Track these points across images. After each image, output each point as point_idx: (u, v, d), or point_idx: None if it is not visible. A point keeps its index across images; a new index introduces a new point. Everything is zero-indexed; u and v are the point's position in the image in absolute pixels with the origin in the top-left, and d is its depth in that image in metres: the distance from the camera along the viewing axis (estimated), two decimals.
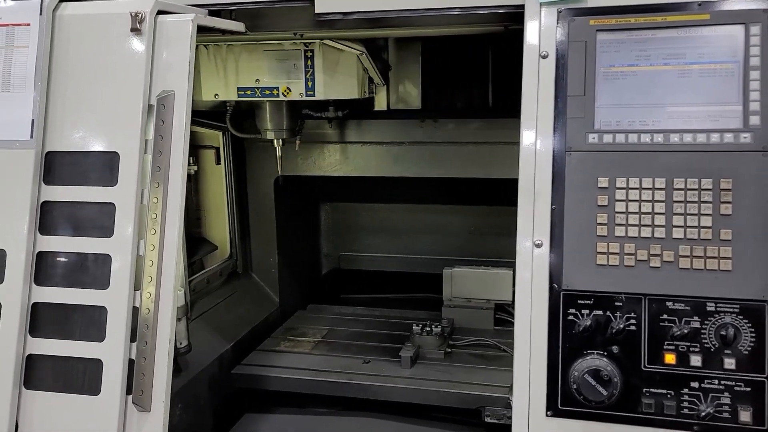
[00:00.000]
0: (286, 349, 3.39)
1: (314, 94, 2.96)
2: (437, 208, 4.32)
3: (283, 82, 2.99)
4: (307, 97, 2.98)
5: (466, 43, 3.58)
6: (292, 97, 3.00)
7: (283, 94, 2.99)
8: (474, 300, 3.63)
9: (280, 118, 3.30)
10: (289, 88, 2.98)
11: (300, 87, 2.97)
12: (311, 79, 2.95)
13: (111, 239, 2.23)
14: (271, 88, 3.00)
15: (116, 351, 2.19)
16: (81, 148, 2.29)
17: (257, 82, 3.01)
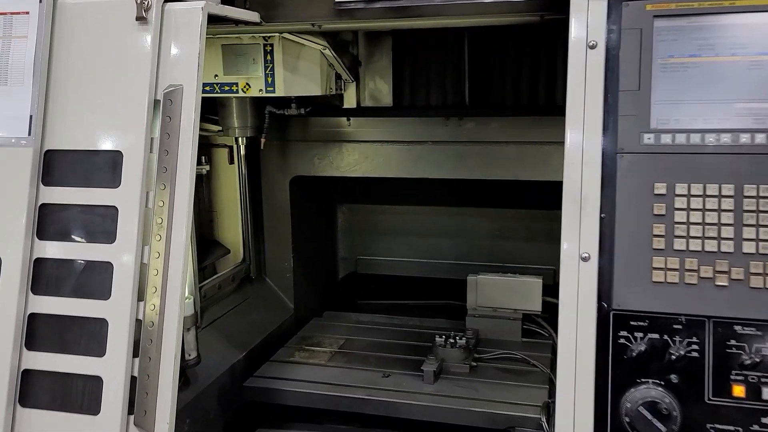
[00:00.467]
0: (301, 360, 3.20)
1: (274, 91, 2.76)
2: (460, 211, 4.12)
3: (242, 78, 2.79)
4: (268, 94, 2.77)
5: (440, 36, 3.38)
6: (252, 93, 2.78)
7: (243, 90, 2.78)
8: (500, 309, 3.42)
9: (244, 115, 3.12)
10: (249, 84, 2.77)
11: (260, 83, 2.76)
12: (271, 74, 2.73)
13: (113, 246, 2.05)
14: (230, 84, 2.80)
15: (117, 367, 2.01)
16: (82, 146, 2.11)
17: (216, 78, 2.81)
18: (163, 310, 2.05)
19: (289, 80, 2.80)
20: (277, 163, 3.67)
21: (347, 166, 3.60)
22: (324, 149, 3.59)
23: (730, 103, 1.67)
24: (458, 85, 3.37)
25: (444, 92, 3.38)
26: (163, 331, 2.05)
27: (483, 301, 3.44)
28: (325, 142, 3.58)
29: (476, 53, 3.37)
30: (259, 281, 3.77)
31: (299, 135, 3.59)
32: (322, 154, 3.60)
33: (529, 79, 3.31)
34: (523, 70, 3.30)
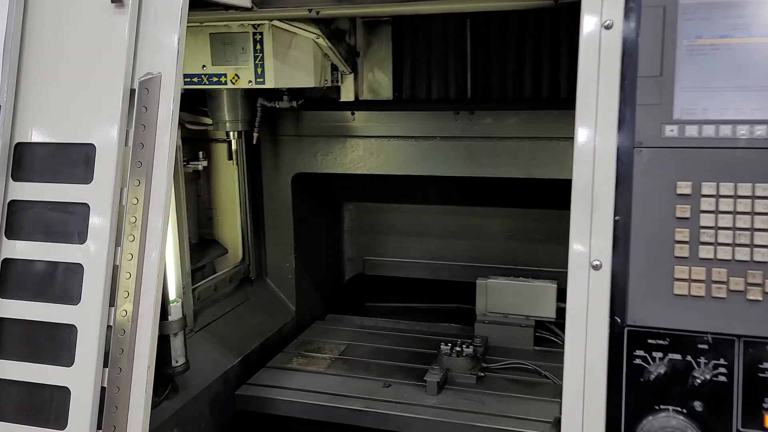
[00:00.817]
0: (299, 366, 3.03)
1: (264, 82, 2.59)
2: (472, 210, 3.92)
3: (231, 69, 2.62)
4: (257, 85, 2.60)
5: (442, 24, 3.18)
6: (241, 84, 2.62)
7: (231, 81, 2.61)
8: (511, 316, 3.22)
9: (235, 108, 2.96)
10: (238, 75, 2.60)
11: (249, 74, 2.59)
12: (261, 65, 2.56)
13: (83, 246, 1.89)
14: (219, 75, 2.63)
15: (86, 378, 1.85)
16: (53, 139, 1.95)
17: (203, 68, 2.63)
18: (136, 316, 1.89)
19: (280, 71, 2.63)
20: (278, 160, 3.50)
21: (351, 163, 3.42)
22: (327, 145, 3.42)
23: (766, 90, 1.45)
24: (461, 76, 3.16)
25: (446, 84, 3.19)
26: (135, 339, 1.89)
27: (493, 306, 3.25)
28: (327, 137, 3.40)
29: (479, 42, 3.17)
30: (260, 282, 3.61)
31: (300, 130, 3.42)
32: (325, 150, 3.43)
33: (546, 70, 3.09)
34: (536, 60, 3.08)
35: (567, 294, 1.54)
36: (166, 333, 2.52)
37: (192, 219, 3.44)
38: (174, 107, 1.93)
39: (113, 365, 1.85)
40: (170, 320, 2.52)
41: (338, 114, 3.34)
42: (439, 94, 3.20)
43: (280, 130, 3.45)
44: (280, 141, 3.47)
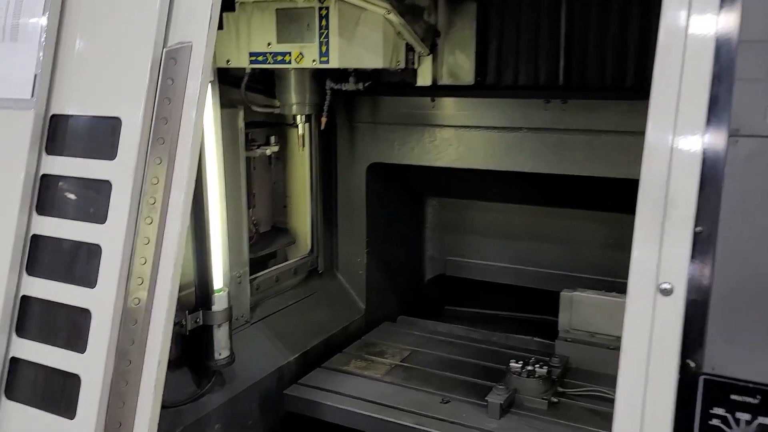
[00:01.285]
0: (356, 370, 2.82)
1: (328, 61, 2.42)
2: (567, 213, 3.51)
3: (295, 47, 2.46)
4: (321, 65, 2.45)
5: (533, 2, 2.80)
6: (305, 64, 2.47)
7: (296, 60, 2.46)
8: (599, 335, 2.82)
9: (302, 89, 2.76)
10: (302, 54, 2.45)
11: (313, 52, 2.43)
12: (325, 42, 2.38)
13: (103, 226, 1.78)
14: (283, 54, 2.48)
15: (96, 367, 1.74)
16: (84, 111, 1.86)
17: (269, 46, 2.50)
18: (150, 306, 1.76)
19: (345, 50, 2.43)
20: (353, 148, 3.30)
21: (429, 154, 3.15)
22: (404, 134, 3.17)
23: None
24: (553, 60, 2.79)
25: (536, 69, 2.82)
26: (148, 330, 1.76)
27: (578, 323, 2.86)
28: (405, 125, 3.15)
29: (576, 22, 2.77)
30: (329, 276, 3.44)
31: (377, 117, 3.20)
32: (402, 139, 3.18)
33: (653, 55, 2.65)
34: (642, 43, 2.65)
35: (624, 324, 1.19)
36: (209, 323, 2.39)
37: (265, 207, 3.33)
38: (203, 80, 1.77)
39: (122, 357, 1.72)
40: (214, 310, 2.39)
41: (417, 100, 3.08)
42: (527, 80, 2.85)
43: (356, 117, 3.25)
44: (355, 128, 3.27)
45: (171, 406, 2.33)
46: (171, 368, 2.43)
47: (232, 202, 2.65)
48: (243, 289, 2.79)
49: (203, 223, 2.35)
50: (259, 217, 3.27)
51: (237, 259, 2.73)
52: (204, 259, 2.39)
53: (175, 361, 2.45)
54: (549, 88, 2.84)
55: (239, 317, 2.78)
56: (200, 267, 2.41)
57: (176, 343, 2.44)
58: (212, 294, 2.39)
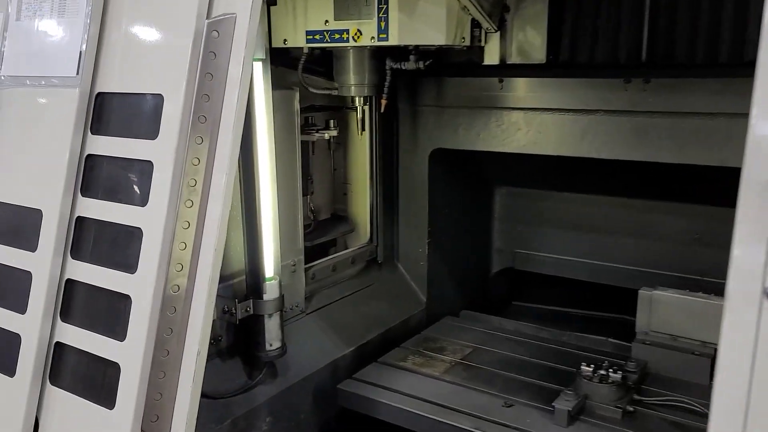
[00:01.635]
0: (413, 366, 2.67)
1: (387, 38, 2.26)
2: (648, 205, 3.24)
3: (353, 24, 2.36)
4: (380, 42, 2.28)
5: None
6: (363, 41, 2.38)
7: (353, 38, 2.33)
8: (682, 339, 2.56)
9: (361, 69, 2.63)
10: (360, 31, 2.35)
11: (372, 29, 2.31)
12: (384, 18, 2.27)
13: (144, 209, 1.70)
14: (341, 32, 2.38)
15: (135, 356, 1.67)
16: (127, 89, 1.79)
17: (326, 24, 2.40)
18: (190, 293, 1.67)
19: (405, 26, 2.29)
20: (416, 132, 3.14)
21: (497, 139, 2.94)
22: (470, 117, 2.98)
23: None
24: (635, 35, 2.52)
25: (615, 45, 2.56)
26: (188, 319, 1.67)
27: (659, 324, 2.62)
28: (471, 108, 2.96)
29: None
30: (389, 267, 3.30)
31: (441, 99, 3.02)
32: (468, 123, 2.99)
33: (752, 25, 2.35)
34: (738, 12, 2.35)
35: (721, 332, 0.99)
36: (259, 313, 2.30)
37: (325, 193, 3.23)
38: (247, 54, 1.65)
39: (160, 346, 1.64)
40: (265, 300, 2.30)
41: (483, 82, 2.88)
42: (605, 57, 2.60)
43: (418, 100, 3.09)
44: (418, 111, 3.10)
45: (220, 397, 2.27)
46: (222, 358, 2.39)
47: (286, 187, 2.55)
48: (297, 278, 2.69)
49: (254, 209, 2.26)
50: (318, 204, 3.17)
51: (291, 246, 2.63)
52: (255, 247, 2.29)
53: (225, 351, 2.39)
54: (629, 66, 2.58)
55: (293, 306, 2.68)
56: (251, 254, 2.32)
57: (226, 333, 2.37)
58: (263, 282, 2.29)
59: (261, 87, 2.15)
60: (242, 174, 2.26)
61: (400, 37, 2.30)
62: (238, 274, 2.37)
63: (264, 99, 2.17)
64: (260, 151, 2.20)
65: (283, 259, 2.56)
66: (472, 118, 2.97)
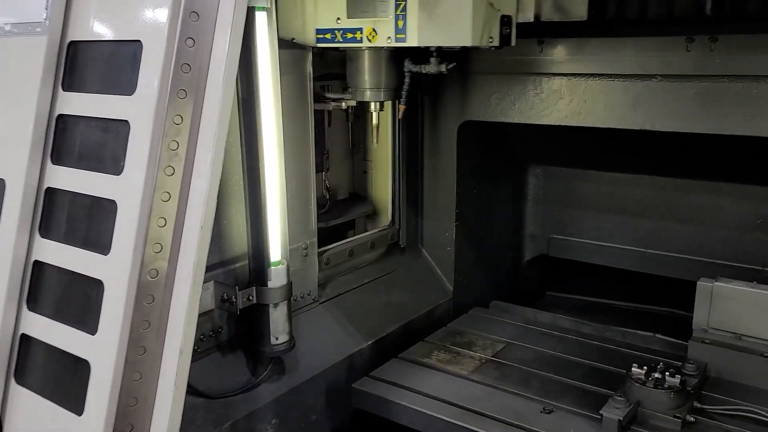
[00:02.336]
0: (438, 363, 2.38)
1: (405, 39, 2.02)
2: (704, 186, 2.90)
3: (368, 22, 2.07)
4: (397, 43, 2.03)
5: None
6: (378, 42, 2.08)
7: (368, 38, 2.09)
8: (748, 338, 2.24)
9: (378, 72, 2.35)
10: (375, 31, 2.10)
11: (388, 28, 2.04)
12: (402, 17, 1.99)
13: (119, 178, 1.43)
14: (354, 31, 2.11)
15: (108, 354, 1.40)
16: (101, 36, 1.51)
17: (338, 22, 2.13)
18: (170, 279, 1.39)
19: (426, 25, 2.04)
20: (443, 103, 2.82)
21: (534, 110, 2.62)
22: (505, 85, 2.65)
23: None
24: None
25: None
26: (168, 310, 1.39)
27: (720, 321, 2.30)
28: (505, 75, 2.64)
29: None
30: (413, 253, 3.00)
31: (471, 65, 2.69)
32: (502, 91, 2.67)
33: None
34: None
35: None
36: (264, 302, 2.03)
37: (343, 170, 2.94)
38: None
39: (135, 343, 1.37)
40: (270, 287, 2.02)
41: (520, 43, 2.53)
42: (660, 12, 2.24)
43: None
44: (445, 79, 2.77)
45: (219, 396, 2.00)
46: (222, 352, 2.12)
47: (296, 160, 2.27)
48: (310, 263, 2.40)
49: (258, 183, 1.97)
50: (335, 182, 2.88)
51: (303, 228, 2.34)
52: (259, 226, 2.01)
53: (226, 345, 2.12)
54: (691, 23, 2.22)
55: (305, 294, 2.40)
56: (255, 235, 2.04)
57: (227, 324, 2.10)
58: (268, 267, 2.01)
59: (265, 39, 1.85)
60: (244, 141, 1.98)
61: (420, 37, 2.03)
62: (241, 258, 2.10)
63: (269, 54, 1.87)
64: (264, 114, 1.91)
65: (293, 242, 2.28)
66: (507, 85, 2.65)
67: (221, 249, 2.04)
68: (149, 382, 1.37)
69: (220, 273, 2.04)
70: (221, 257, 2.04)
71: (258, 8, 1.81)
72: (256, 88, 1.89)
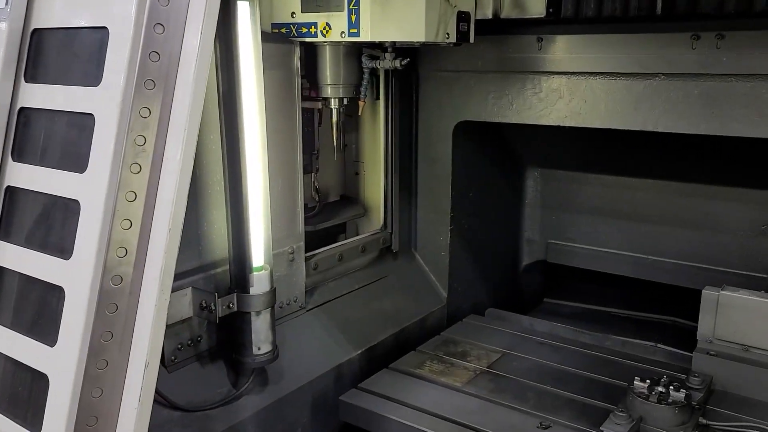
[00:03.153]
0: (430, 374, 2.27)
1: (359, 33, 1.99)
2: (707, 190, 2.80)
3: (322, 17, 2.04)
4: (351, 38, 2.00)
5: None
6: (332, 37, 2.04)
7: (322, 33, 2.06)
8: (755, 350, 2.13)
9: (336, 68, 2.30)
10: (329, 25, 2.06)
11: (342, 23, 2.00)
12: (356, 11, 1.96)
13: (83, 176, 1.32)
14: (308, 25, 2.08)
15: (67, 367, 1.28)
16: (66, 23, 1.40)
17: (293, 17, 2.09)
18: (136, 286, 1.28)
19: (379, 20, 1.98)
20: (438, 102, 2.72)
21: (533, 110, 2.51)
22: (501, 84, 2.55)
23: None
24: None
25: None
26: (134, 320, 1.28)
27: (726, 332, 2.20)
28: (503, 73, 2.53)
29: None
30: (406, 257, 2.89)
31: (467, 63, 2.58)
32: (499, 91, 2.56)
33: None
34: None
35: None
36: (245, 309, 1.91)
37: (333, 172, 2.83)
38: None
39: (95, 355, 1.26)
40: (251, 294, 1.91)
41: (518, 40, 2.45)
42: (615, 8, 2.10)
43: (441, 63, 2.66)
44: (441, 78, 2.68)
45: (197, 409, 1.89)
46: (201, 362, 2.00)
47: (282, 160, 2.16)
48: (296, 268, 2.29)
49: (240, 183, 1.86)
50: (325, 184, 2.77)
51: (289, 231, 2.23)
52: (241, 230, 1.90)
53: (206, 354, 2.00)
54: (697, 16, 2.11)
55: (291, 301, 2.29)
56: (236, 239, 1.93)
57: (207, 332, 1.99)
58: (250, 273, 1.90)
59: (248, 31, 1.74)
60: (225, 138, 1.87)
61: (373, 32, 1.98)
62: (222, 263, 1.98)
63: (252, 47, 1.76)
64: (246, 110, 1.79)
65: (279, 246, 2.17)
66: (504, 84, 2.54)
67: (201, 253, 1.92)
68: (112, 398, 1.26)
69: (199, 278, 1.93)
70: (201, 262, 1.93)
71: None
72: (238, 82, 1.78)
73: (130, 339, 1.26)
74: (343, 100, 2.37)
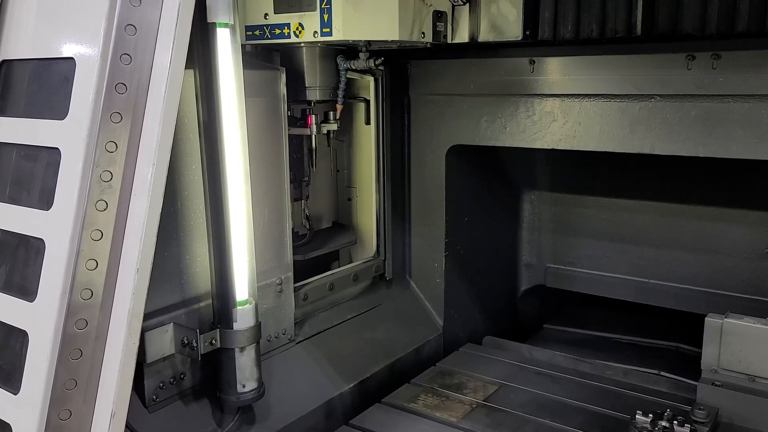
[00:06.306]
0: (424, 409, 2.18)
1: (331, 33, 1.96)
2: (710, 212, 2.73)
3: (294, 17, 2.00)
4: (323, 37, 1.97)
5: None
6: (305, 37, 2.00)
7: (295, 33, 2.02)
8: (762, 380, 2.04)
9: (312, 70, 2.27)
10: (302, 25, 2.00)
11: (314, 22, 1.96)
12: (328, 10, 1.93)
13: (48, 214, 1.25)
14: (281, 26, 2.03)
15: (31, 417, 1.21)
16: (36, 53, 1.35)
17: (266, 18, 2.06)
18: (103, 330, 1.21)
19: (351, 18, 1.95)
20: (430, 126, 2.66)
21: (527, 133, 2.45)
22: (494, 107, 2.50)
23: None
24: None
25: (603, 16, 2.04)
26: (100, 367, 1.21)
27: (731, 361, 2.11)
28: (495, 96, 2.48)
29: None
30: (400, 285, 2.82)
31: (459, 86, 2.53)
32: (492, 114, 2.51)
33: None
34: None
35: None
36: (228, 346, 1.84)
37: (324, 198, 2.77)
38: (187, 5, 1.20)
39: (59, 404, 1.18)
40: (235, 329, 1.83)
41: (510, 63, 2.40)
42: (592, 31, 2.05)
43: (433, 86, 2.61)
44: (433, 101, 2.63)
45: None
46: (184, 401, 1.92)
47: (269, 189, 2.10)
48: (285, 299, 2.22)
49: (222, 216, 1.79)
50: (316, 211, 2.71)
51: (277, 261, 2.17)
52: (224, 263, 1.83)
53: (190, 392, 1.93)
54: (695, 38, 2.06)
55: (280, 334, 2.22)
56: (219, 273, 1.86)
57: (191, 370, 1.91)
58: (233, 308, 1.83)
59: (228, 58, 1.69)
60: (207, 169, 1.81)
61: (345, 31, 1.94)
62: (205, 297, 1.91)
63: (233, 74, 1.71)
64: (228, 139, 1.74)
65: (266, 277, 2.10)
66: (497, 107, 2.49)
67: (183, 288, 1.86)
68: None
69: (181, 314, 1.86)
70: (183, 296, 1.86)
71: (219, 24, 1.66)
72: (219, 111, 1.72)
73: (96, 387, 1.19)
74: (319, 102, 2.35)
